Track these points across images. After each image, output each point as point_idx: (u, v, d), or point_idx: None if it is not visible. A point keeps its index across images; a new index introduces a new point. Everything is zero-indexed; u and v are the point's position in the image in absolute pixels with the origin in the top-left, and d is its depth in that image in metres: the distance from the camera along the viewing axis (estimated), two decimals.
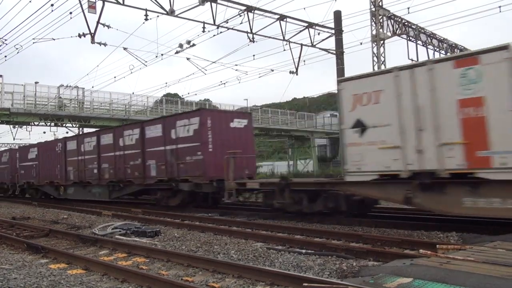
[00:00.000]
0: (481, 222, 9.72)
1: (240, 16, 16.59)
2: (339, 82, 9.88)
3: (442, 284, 4.27)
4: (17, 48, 18.45)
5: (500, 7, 16.35)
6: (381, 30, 19.45)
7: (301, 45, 19.26)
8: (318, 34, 19.24)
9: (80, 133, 31.93)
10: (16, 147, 36.37)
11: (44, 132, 40.48)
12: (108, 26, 15.03)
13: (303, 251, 7.41)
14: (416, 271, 4.81)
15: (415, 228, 9.20)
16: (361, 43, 19.49)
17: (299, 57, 19.56)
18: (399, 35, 20.32)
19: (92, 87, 29.84)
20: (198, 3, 15.04)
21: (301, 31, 18.71)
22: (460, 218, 10.69)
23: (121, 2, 14.28)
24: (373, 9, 19.32)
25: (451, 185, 8.00)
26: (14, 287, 5.71)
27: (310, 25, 18.75)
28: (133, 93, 36.16)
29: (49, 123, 33.87)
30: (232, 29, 16.95)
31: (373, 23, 19.44)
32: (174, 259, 7.06)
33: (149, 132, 16.50)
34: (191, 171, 14.56)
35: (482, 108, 7.50)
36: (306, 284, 4.82)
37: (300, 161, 46.60)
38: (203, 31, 16.28)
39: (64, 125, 34.30)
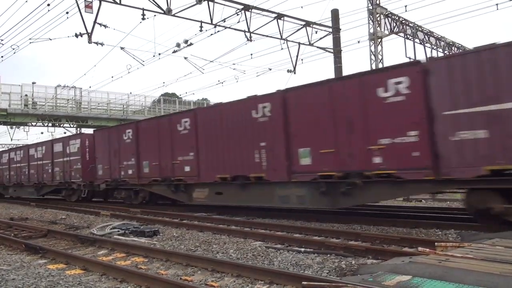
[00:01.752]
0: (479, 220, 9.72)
1: (238, 15, 16.56)
2: None
3: (441, 282, 4.27)
4: (13, 48, 18.42)
5: (497, 4, 16.42)
6: (378, 28, 19.46)
7: (299, 43, 19.25)
8: (316, 32, 19.25)
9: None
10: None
11: (42, 133, 40.31)
12: (105, 26, 14.99)
13: (302, 249, 7.41)
14: (415, 269, 4.81)
15: (413, 226, 9.22)
16: (358, 42, 19.60)
17: (297, 56, 19.56)
18: (396, 33, 20.35)
19: (90, 87, 29.84)
20: (195, 2, 15.00)
21: (298, 29, 18.71)
22: (459, 216, 10.72)
23: (118, 2, 14.22)
24: (371, 8, 19.33)
25: None
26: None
27: (308, 23, 18.73)
28: (130, 93, 36.17)
29: (46, 124, 33.82)
30: (229, 28, 16.92)
31: (370, 21, 19.46)
32: (173, 258, 7.04)
33: None
34: None
35: None
36: (305, 283, 4.81)
37: None
38: (201, 30, 16.25)
39: (61, 125, 34.26)
